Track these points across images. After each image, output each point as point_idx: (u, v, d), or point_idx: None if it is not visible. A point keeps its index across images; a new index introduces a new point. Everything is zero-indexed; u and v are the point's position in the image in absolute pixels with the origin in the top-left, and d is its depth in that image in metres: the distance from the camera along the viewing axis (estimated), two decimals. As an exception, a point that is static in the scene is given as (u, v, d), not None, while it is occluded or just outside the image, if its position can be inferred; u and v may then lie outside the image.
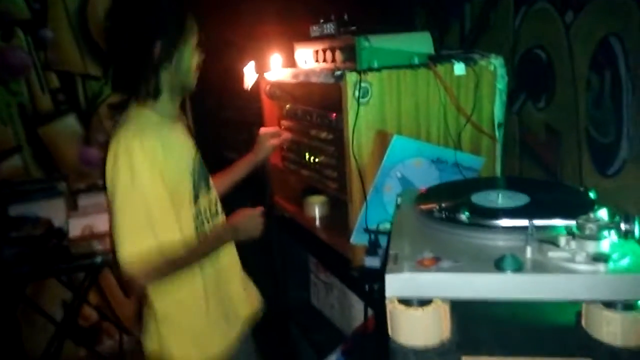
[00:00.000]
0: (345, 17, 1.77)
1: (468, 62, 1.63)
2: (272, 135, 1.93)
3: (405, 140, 1.52)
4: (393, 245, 0.97)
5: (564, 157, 1.68)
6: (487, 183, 1.39)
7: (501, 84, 1.69)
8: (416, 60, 1.58)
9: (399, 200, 1.26)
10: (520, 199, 1.08)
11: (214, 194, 1.63)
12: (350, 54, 1.56)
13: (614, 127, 1.48)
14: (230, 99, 2.91)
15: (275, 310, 2.42)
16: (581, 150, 1.60)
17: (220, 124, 3.07)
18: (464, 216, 0.98)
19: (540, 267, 0.84)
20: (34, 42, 2.88)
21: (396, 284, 0.85)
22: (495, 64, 1.67)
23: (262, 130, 1.96)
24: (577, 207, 1.02)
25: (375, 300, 1.52)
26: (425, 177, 1.57)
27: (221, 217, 1.64)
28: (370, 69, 1.51)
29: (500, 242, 0.94)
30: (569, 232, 0.88)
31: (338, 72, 1.49)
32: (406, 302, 0.86)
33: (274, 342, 2.45)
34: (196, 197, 1.50)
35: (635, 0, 1.39)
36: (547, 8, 1.70)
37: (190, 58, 1.45)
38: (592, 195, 1.14)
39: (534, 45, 1.76)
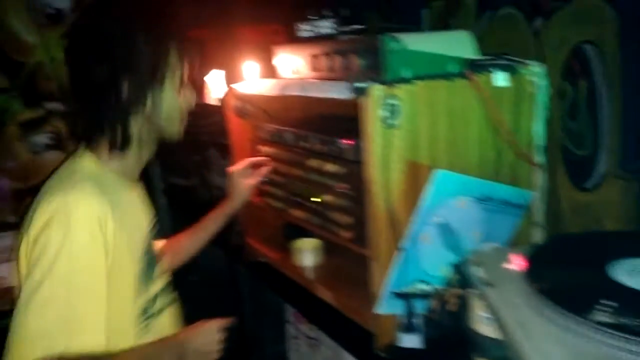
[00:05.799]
0: (344, 12, 1.37)
1: (508, 70, 1.28)
2: (246, 173, 1.52)
3: (450, 175, 1.14)
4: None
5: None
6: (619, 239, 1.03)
7: (544, 98, 1.36)
8: (451, 68, 1.21)
9: (481, 272, 0.87)
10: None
11: (159, 284, 1.19)
12: (371, 60, 1.15)
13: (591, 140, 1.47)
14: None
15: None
16: (555, 164, 1.55)
17: (164, 144, 2.54)
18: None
19: None
20: None
21: None
22: (538, 73, 1.34)
23: (234, 169, 1.53)
24: None
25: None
26: (468, 221, 1.20)
27: (165, 319, 1.19)
28: (401, 80, 1.12)
29: None
30: None
31: (360, 84, 1.07)
32: None
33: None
34: (142, 292, 1.08)
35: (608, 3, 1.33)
36: (514, 14, 1.61)
37: (173, 100, 1.09)
38: None
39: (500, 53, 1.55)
